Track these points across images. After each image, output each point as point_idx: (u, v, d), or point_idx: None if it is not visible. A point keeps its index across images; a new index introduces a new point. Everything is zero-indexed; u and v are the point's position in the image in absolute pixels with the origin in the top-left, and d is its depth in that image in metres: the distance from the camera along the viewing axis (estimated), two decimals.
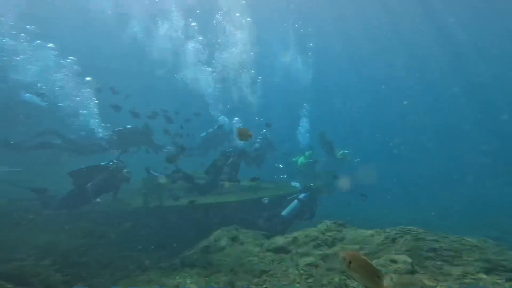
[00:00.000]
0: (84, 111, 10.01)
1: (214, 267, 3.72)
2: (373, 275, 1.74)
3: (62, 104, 10.10)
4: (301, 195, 6.77)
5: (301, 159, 10.46)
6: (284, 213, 6.30)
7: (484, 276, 2.46)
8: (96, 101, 10.09)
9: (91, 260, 4.22)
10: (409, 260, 2.73)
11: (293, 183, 8.26)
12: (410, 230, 3.24)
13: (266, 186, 8.30)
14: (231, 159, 7.36)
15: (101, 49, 22.58)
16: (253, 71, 13.46)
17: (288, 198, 6.86)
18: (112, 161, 6.62)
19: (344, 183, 8.86)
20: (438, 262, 2.72)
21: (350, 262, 1.82)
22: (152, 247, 5.13)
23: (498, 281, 2.37)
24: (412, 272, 2.73)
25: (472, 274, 2.48)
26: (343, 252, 1.93)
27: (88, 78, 10.14)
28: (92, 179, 5.98)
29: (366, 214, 10.52)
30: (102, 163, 6.51)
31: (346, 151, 10.20)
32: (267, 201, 6.63)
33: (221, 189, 7.27)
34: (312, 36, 21.47)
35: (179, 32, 13.21)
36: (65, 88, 10.08)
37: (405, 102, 29.05)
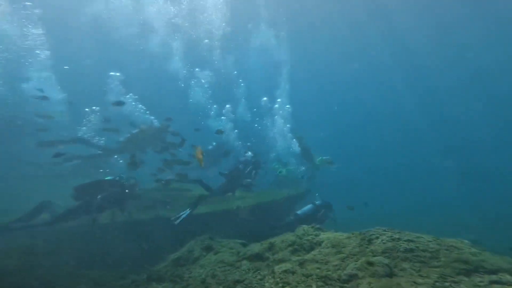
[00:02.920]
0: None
1: (185, 281, 3.39)
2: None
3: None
4: (318, 201, 7.33)
5: (282, 170, 10.39)
6: (299, 212, 6.97)
7: (465, 278, 2.34)
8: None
9: (26, 281, 3.55)
10: (386, 261, 2.59)
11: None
12: (385, 231, 3.13)
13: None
14: (250, 166, 7.94)
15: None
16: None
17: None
18: (119, 175, 6.33)
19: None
20: (416, 264, 2.60)
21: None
22: (111, 263, 4.62)
23: (480, 283, 2.26)
24: (390, 275, 2.60)
25: (451, 277, 2.36)
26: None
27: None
28: (100, 193, 5.64)
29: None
30: (108, 177, 6.18)
31: (325, 157, 10.16)
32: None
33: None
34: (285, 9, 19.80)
35: None
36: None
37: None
